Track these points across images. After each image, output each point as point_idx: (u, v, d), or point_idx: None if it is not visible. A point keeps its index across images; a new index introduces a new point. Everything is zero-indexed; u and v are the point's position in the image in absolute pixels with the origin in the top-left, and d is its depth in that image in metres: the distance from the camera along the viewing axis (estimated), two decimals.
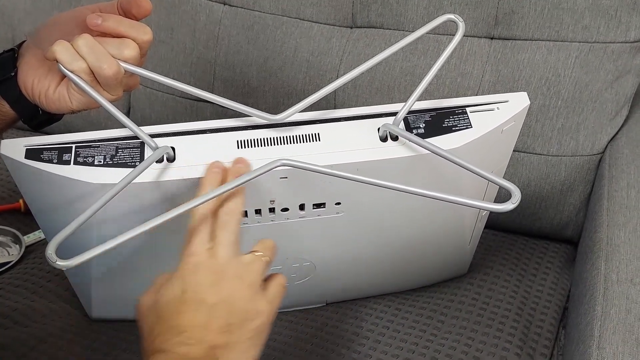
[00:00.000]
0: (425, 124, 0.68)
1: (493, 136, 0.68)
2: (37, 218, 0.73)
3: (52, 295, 0.89)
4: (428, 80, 0.67)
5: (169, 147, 0.64)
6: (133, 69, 0.65)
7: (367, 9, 0.99)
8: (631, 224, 0.79)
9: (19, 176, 0.67)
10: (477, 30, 0.95)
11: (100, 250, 0.56)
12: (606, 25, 0.89)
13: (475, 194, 0.77)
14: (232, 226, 0.59)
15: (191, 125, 0.67)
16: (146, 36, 0.66)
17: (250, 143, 0.66)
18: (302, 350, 0.80)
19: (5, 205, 1.04)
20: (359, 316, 0.86)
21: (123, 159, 0.65)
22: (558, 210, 0.98)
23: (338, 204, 0.70)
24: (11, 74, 0.67)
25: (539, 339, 0.83)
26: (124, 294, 0.80)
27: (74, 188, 0.64)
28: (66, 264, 0.54)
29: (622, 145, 0.92)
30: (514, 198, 0.58)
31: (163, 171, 0.64)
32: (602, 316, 0.69)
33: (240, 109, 0.66)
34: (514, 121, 0.70)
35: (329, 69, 1.01)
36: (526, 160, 0.95)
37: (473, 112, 0.68)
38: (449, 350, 0.80)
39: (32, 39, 0.69)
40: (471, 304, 0.87)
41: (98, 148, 0.65)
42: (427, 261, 0.87)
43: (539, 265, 0.95)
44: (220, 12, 1.05)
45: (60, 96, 0.67)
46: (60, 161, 0.64)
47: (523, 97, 0.70)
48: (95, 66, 0.63)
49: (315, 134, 0.66)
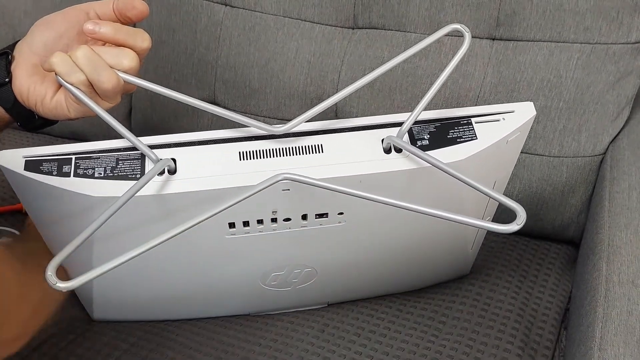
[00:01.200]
0: (429, 135, 0.67)
1: (498, 147, 0.68)
2: (38, 228, 0.72)
3: None
4: (434, 91, 0.66)
5: (170, 160, 0.64)
6: (132, 79, 0.64)
7: (368, 10, 0.99)
8: (633, 225, 0.79)
9: (19, 187, 0.66)
10: (479, 32, 0.95)
11: (101, 272, 0.55)
12: (608, 26, 0.89)
13: (478, 206, 0.77)
14: None
15: (192, 136, 0.66)
16: (144, 44, 0.65)
17: (253, 155, 0.65)
18: (303, 352, 0.80)
19: (6, 207, 1.04)
20: (360, 317, 0.86)
21: (124, 171, 0.64)
22: (559, 212, 0.98)
23: (341, 213, 0.69)
24: (6, 80, 0.66)
25: (540, 341, 0.83)
26: (125, 295, 0.80)
27: (74, 200, 0.63)
28: (66, 286, 0.53)
29: (624, 147, 0.92)
30: (519, 219, 0.57)
31: (165, 184, 0.63)
32: (603, 318, 0.69)
33: (241, 121, 0.66)
34: (520, 132, 0.69)
35: (330, 70, 1.01)
36: (527, 162, 0.95)
37: (478, 123, 0.68)
38: (450, 352, 0.80)
39: (26, 42, 0.68)
40: (472, 305, 0.87)
41: (98, 159, 0.64)
42: (429, 264, 0.87)
43: (540, 266, 0.95)
44: (221, 13, 1.05)
45: (57, 105, 0.66)
46: (60, 173, 0.63)
47: (529, 107, 0.69)
48: (94, 79, 0.62)
49: (318, 145, 0.66)
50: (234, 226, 0.68)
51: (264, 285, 0.79)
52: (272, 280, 0.79)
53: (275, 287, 0.80)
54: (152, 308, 0.84)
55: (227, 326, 0.85)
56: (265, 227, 0.69)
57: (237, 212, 0.66)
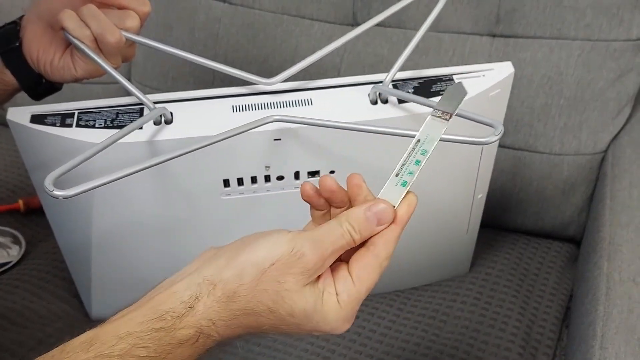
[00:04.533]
0: (413, 90, 0.71)
1: (481, 101, 0.70)
2: (37, 188, 0.74)
3: (51, 296, 0.89)
4: (417, 39, 0.71)
5: (165, 109, 0.67)
6: (134, 37, 0.69)
7: (367, 7, 0.99)
8: (634, 223, 0.79)
9: (24, 141, 0.70)
10: (479, 29, 0.94)
11: (97, 183, 0.57)
12: (608, 23, 0.89)
13: (468, 159, 0.78)
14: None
15: (189, 94, 0.71)
16: (145, 8, 0.70)
17: (246, 108, 0.69)
18: (303, 351, 0.80)
19: (5, 206, 1.04)
20: (360, 316, 0.85)
21: (123, 122, 0.68)
22: (560, 210, 0.98)
23: (332, 172, 0.72)
24: (16, 44, 0.71)
25: (541, 339, 0.83)
26: (124, 293, 0.80)
27: (75, 149, 0.66)
28: (63, 194, 0.54)
29: (625, 144, 0.92)
30: (496, 130, 0.58)
31: (160, 131, 0.67)
32: (604, 316, 0.69)
33: (237, 74, 0.70)
34: (500, 88, 0.72)
35: (329, 68, 1.00)
36: (528, 159, 0.95)
37: (460, 79, 0.72)
38: (452, 350, 0.80)
39: (32, 12, 0.73)
40: (473, 303, 0.87)
41: (99, 113, 0.69)
42: (427, 252, 0.87)
43: (541, 264, 0.95)
44: (219, 10, 1.05)
45: (65, 64, 0.70)
46: (63, 124, 0.68)
47: (507, 66, 0.73)
48: (99, 34, 0.67)
49: (307, 99, 0.70)
50: (228, 184, 0.71)
51: None
52: None
53: None
54: None
55: None
56: (259, 186, 0.72)
57: (231, 167, 0.70)
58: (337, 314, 0.49)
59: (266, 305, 0.47)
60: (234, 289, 0.47)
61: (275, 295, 0.47)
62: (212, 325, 0.47)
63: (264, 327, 0.49)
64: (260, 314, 0.48)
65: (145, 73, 1.11)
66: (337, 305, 0.49)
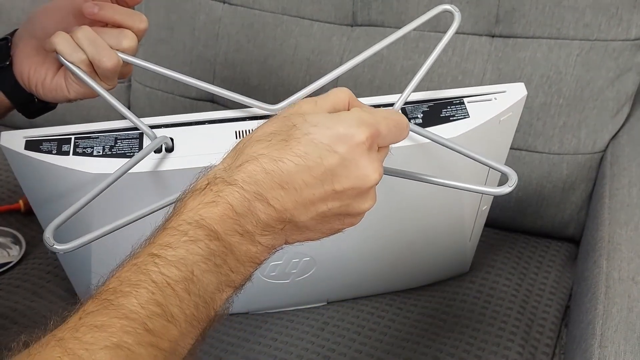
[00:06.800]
0: (423, 115, 0.69)
1: (491, 126, 0.69)
2: (36, 211, 0.73)
3: (52, 296, 0.89)
4: (426, 69, 0.68)
5: (167, 137, 0.65)
6: (131, 60, 0.66)
7: (367, 7, 0.99)
8: (633, 222, 0.79)
9: (19, 167, 0.67)
10: (478, 28, 0.95)
11: (96, 234, 0.55)
12: (607, 23, 0.89)
13: (476, 176, 0.78)
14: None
15: (190, 117, 0.68)
16: (142, 24, 0.66)
17: (248, 133, 0.66)
18: (303, 350, 0.80)
19: (5, 206, 1.04)
20: (360, 315, 0.85)
21: (122, 150, 0.65)
22: (559, 209, 0.98)
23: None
24: (6, 63, 0.68)
25: (541, 338, 0.83)
26: None
27: (72, 178, 0.64)
28: (63, 248, 0.54)
29: (624, 143, 0.92)
30: (510, 181, 0.58)
31: (161, 161, 0.64)
32: (604, 315, 0.69)
33: (239, 100, 0.67)
34: (512, 112, 0.70)
35: (329, 68, 1.00)
36: (527, 159, 0.95)
37: (470, 103, 0.69)
38: (451, 350, 0.80)
39: (25, 28, 0.69)
40: (473, 303, 0.87)
41: (97, 139, 0.66)
42: (428, 257, 0.86)
43: (541, 264, 0.95)
44: (220, 11, 1.05)
45: (57, 85, 0.67)
46: (59, 152, 0.65)
47: (520, 88, 0.71)
48: (95, 58, 0.64)
49: None
50: None
51: (263, 276, 0.79)
52: (270, 270, 0.79)
53: (274, 279, 0.80)
54: None
55: (227, 325, 0.85)
56: None
57: None
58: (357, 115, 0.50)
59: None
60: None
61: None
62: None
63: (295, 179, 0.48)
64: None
65: (146, 73, 1.11)
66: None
